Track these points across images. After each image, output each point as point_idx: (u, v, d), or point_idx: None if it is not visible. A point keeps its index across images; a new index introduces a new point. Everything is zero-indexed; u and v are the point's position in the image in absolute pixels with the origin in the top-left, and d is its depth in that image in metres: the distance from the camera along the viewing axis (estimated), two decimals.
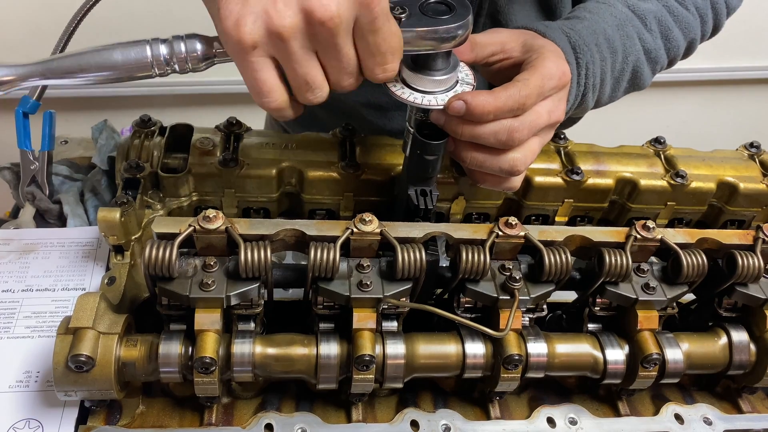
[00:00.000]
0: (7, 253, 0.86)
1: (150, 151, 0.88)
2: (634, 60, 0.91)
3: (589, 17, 0.88)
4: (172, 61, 0.62)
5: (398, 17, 0.65)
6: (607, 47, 0.87)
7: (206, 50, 0.63)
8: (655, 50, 0.94)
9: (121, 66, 0.61)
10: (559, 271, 0.71)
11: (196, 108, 2.43)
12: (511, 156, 0.74)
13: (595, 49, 0.84)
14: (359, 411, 0.75)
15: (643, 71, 0.94)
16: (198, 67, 0.63)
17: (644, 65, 0.93)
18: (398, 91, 0.71)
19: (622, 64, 0.90)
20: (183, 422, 0.72)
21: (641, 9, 0.93)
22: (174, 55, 0.61)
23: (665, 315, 0.78)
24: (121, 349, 0.66)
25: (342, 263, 0.70)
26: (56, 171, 0.98)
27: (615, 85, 0.90)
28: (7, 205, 1.03)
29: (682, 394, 0.85)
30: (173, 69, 0.62)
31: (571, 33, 0.82)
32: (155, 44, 0.61)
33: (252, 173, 0.87)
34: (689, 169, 0.96)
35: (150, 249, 0.64)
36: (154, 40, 0.61)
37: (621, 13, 0.91)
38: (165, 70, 0.62)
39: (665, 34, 0.95)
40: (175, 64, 0.62)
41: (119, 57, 0.61)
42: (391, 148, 0.92)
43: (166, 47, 0.61)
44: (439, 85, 0.70)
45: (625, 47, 0.89)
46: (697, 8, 1.00)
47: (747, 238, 0.78)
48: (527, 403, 0.80)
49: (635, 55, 0.91)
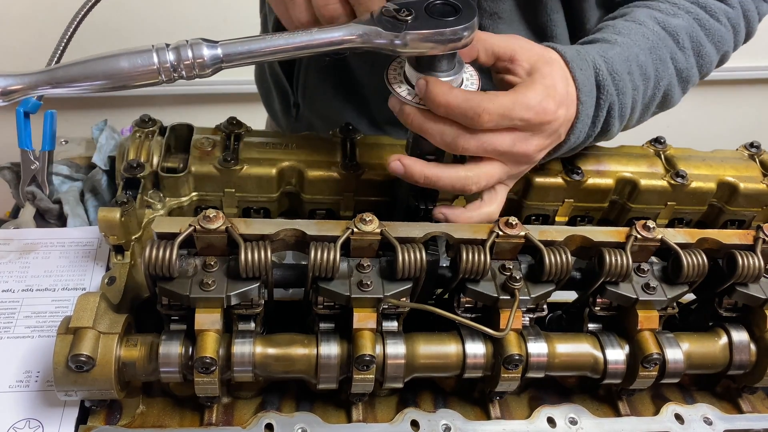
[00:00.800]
0: (7, 253, 0.86)
1: (150, 151, 0.88)
2: (666, 84, 0.87)
3: (621, 41, 0.83)
4: (179, 67, 0.61)
5: (404, 19, 0.64)
6: (640, 74, 0.82)
7: (213, 55, 0.63)
8: (687, 69, 0.89)
9: (128, 73, 0.60)
10: (559, 271, 0.71)
11: (196, 108, 2.43)
12: (463, 173, 0.72)
13: (627, 78, 0.80)
14: (359, 411, 0.75)
15: (674, 93, 0.90)
16: (205, 73, 0.63)
17: (676, 87, 0.89)
18: (402, 91, 0.71)
19: (653, 90, 0.86)
20: (183, 422, 0.72)
21: (672, 26, 0.88)
22: (180, 61, 0.61)
23: (665, 315, 0.78)
24: (121, 349, 0.66)
25: (342, 263, 0.70)
26: (56, 171, 0.99)
27: (644, 110, 0.87)
28: (7, 205, 1.03)
29: (682, 394, 0.85)
30: (180, 75, 0.62)
31: (601, 67, 0.78)
32: (161, 51, 0.61)
33: (252, 173, 0.87)
34: (689, 169, 0.96)
35: (150, 249, 0.64)
36: (160, 47, 0.61)
37: (653, 33, 0.86)
38: (172, 76, 0.62)
39: (698, 50, 0.90)
40: (182, 71, 0.62)
41: (126, 64, 0.60)
42: (391, 148, 0.92)
43: (172, 53, 0.61)
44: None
45: (657, 72, 0.85)
46: (729, 19, 0.94)
47: (747, 238, 0.78)
48: (527, 403, 0.80)
49: (668, 80, 0.87)
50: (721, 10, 0.93)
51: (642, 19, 0.87)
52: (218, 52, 0.63)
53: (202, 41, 0.63)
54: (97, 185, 0.97)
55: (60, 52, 0.75)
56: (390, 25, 0.65)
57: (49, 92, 0.61)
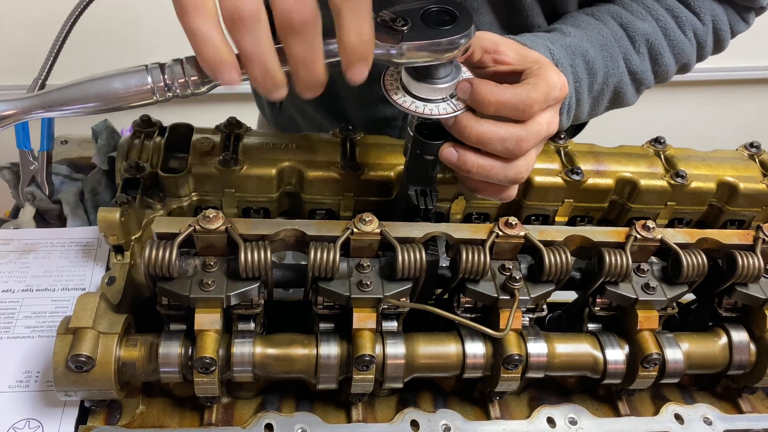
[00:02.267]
0: (7, 253, 0.86)
1: (150, 151, 0.88)
2: (616, 81, 0.90)
3: (574, 33, 0.86)
4: (174, 86, 0.60)
5: (400, 29, 0.63)
6: (585, 68, 0.85)
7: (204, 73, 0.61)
8: (641, 72, 0.92)
9: (122, 95, 0.60)
10: (559, 271, 0.71)
11: (196, 108, 2.42)
12: (517, 164, 0.72)
13: (569, 69, 0.83)
14: (359, 411, 0.75)
15: (626, 91, 0.92)
16: (200, 91, 0.62)
17: (628, 86, 0.92)
18: (399, 99, 0.70)
19: (601, 84, 0.88)
20: (183, 422, 0.72)
21: (634, 28, 0.91)
22: (175, 79, 0.60)
23: (665, 315, 0.78)
24: (121, 349, 0.66)
25: (342, 263, 0.70)
26: (56, 171, 0.98)
27: (594, 103, 0.89)
28: (7, 205, 1.03)
29: (682, 394, 0.85)
30: (175, 94, 0.61)
31: (553, 49, 0.81)
32: (155, 70, 0.60)
33: (252, 173, 0.87)
34: (689, 169, 0.96)
35: (150, 249, 0.64)
36: (152, 66, 0.60)
37: (610, 31, 0.89)
38: (166, 95, 0.61)
39: (655, 57, 0.93)
40: (176, 89, 0.61)
41: (119, 85, 0.60)
42: (391, 148, 0.92)
43: (166, 72, 0.60)
44: (441, 93, 0.69)
45: (606, 68, 0.88)
46: (696, 34, 0.97)
47: (747, 238, 0.78)
48: (527, 403, 0.80)
49: (617, 77, 0.90)
50: (691, 24, 0.96)
51: (603, 17, 0.90)
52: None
53: (194, 58, 0.61)
54: (97, 185, 0.97)
55: (55, 54, 0.74)
56: (385, 35, 0.63)
57: (43, 116, 0.61)
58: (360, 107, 0.72)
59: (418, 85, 0.69)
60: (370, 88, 0.71)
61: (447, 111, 0.69)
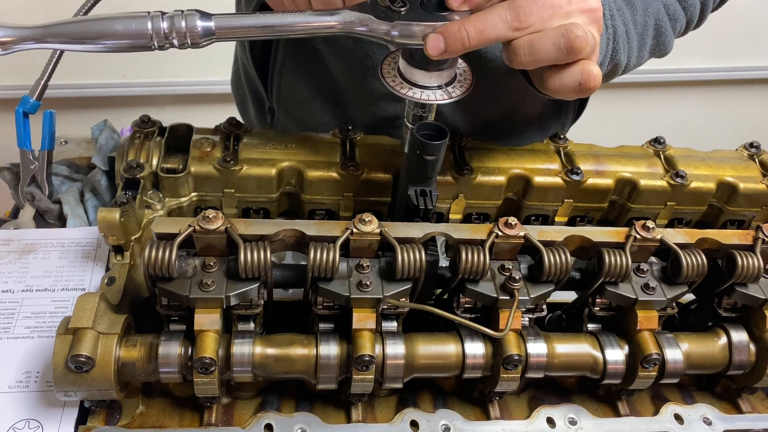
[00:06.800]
0: (7, 253, 0.86)
1: (149, 151, 0.88)
2: (656, 13, 0.88)
3: None
4: (172, 36, 0.62)
5: (398, 10, 0.65)
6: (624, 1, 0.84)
7: (206, 27, 0.63)
8: (672, 5, 0.92)
9: (121, 36, 0.62)
10: (558, 271, 0.71)
11: (196, 108, 2.43)
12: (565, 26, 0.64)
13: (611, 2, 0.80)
14: (359, 411, 0.75)
15: (665, 28, 0.91)
16: (197, 44, 0.64)
17: (665, 21, 0.91)
18: (396, 85, 0.71)
19: (643, 16, 0.87)
20: (183, 422, 0.72)
21: None
22: (174, 30, 0.62)
23: (665, 315, 0.78)
24: (120, 349, 0.66)
25: (342, 263, 0.70)
26: (56, 171, 0.98)
27: (641, 41, 0.87)
28: (7, 205, 1.03)
29: (682, 394, 0.85)
30: (172, 44, 0.63)
31: None
32: (156, 18, 0.62)
33: (252, 173, 0.87)
34: (689, 169, 0.96)
35: (150, 249, 0.64)
36: (155, 14, 0.62)
37: None
38: (164, 44, 0.63)
39: None
40: (174, 39, 0.63)
41: (120, 27, 0.62)
42: (391, 148, 0.93)
43: (167, 22, 0.62)
44: (438, 80, 0.70)
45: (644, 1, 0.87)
46: None
47: (747, 238, 0.78)
48: (527, 403, 0.80)
49: (656, 7, 0.89)
50: None
51: None
52: (211, 24, 0.64)
53: (196, 12, 0.63)
54: (96, 185, 0.97)
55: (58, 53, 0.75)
56: (383, 15, 0.65)
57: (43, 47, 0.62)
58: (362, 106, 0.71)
59: (414, 71, 0.70)
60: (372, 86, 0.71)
61: (443, 97, 0.70)
